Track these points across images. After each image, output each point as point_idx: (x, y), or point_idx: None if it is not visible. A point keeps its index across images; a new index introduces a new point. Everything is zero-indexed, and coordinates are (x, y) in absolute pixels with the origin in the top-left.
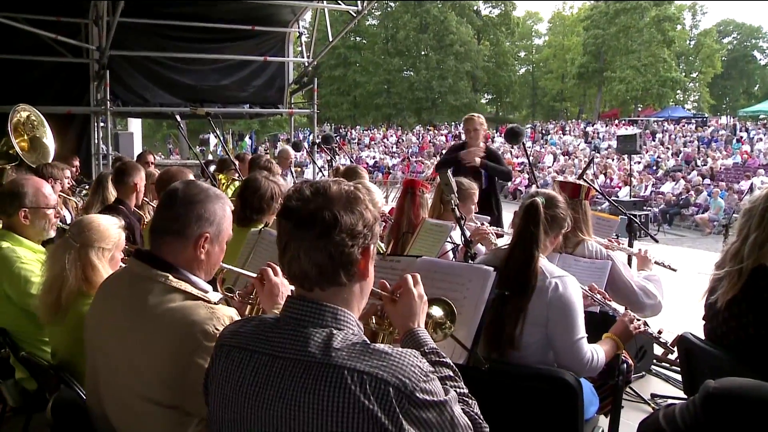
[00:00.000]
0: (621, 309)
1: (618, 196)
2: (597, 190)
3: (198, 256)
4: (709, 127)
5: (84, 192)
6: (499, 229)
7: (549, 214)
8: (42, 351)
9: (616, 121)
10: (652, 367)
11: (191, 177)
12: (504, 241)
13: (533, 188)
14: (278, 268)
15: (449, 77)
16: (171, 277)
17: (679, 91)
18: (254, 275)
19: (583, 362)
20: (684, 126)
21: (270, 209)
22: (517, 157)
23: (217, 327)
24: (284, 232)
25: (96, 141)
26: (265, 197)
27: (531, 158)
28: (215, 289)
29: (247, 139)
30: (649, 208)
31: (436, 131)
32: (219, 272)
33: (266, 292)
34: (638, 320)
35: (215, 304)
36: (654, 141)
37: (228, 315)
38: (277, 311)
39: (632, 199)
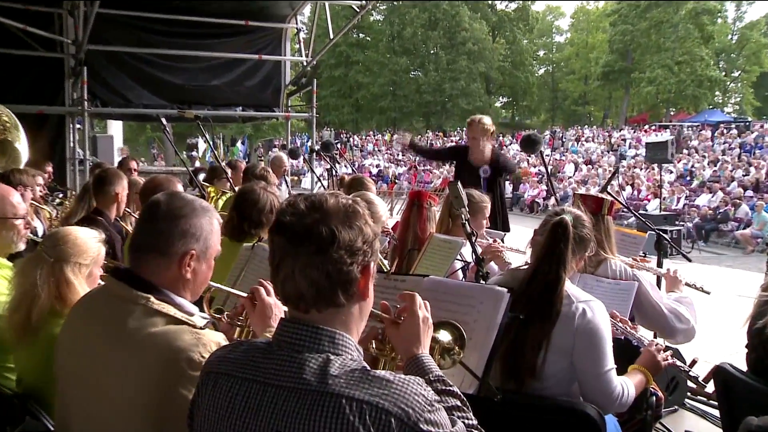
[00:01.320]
0: (649, 335)
1: (646, 210)
2: (622, 204)
3: (183, 276)
4: (752, 132)
5: (58, 201)
6: (514, 246)
7: (576, 234)
8: (5, 378)
9: (645, 127)
10: (686, 401)
11: (180, 186)
12: (516, 259)
13: (552, 202)
14: (271, 288)
15: (461, 78)
16: (153, 298)
17: (717, 93)
18: (245, 294)
19: (612, 396)
20: (723, 131)
21: (269, 223)
22: (534, 167)
23: (203, 354)
24: (278, 249)
25: (71, 145)
26: (264, 210)
27: (550, 168)
28: (201, 310)
29: (239, 144)
30: (681, 223)
31: (446, 138)
32: (206, 291)
33: (258, 313)
34: (664, 350)
35: (201, 328)
36: (688, 148)
37: (215, 341)
38: (269, 335)
39: (662, 213)
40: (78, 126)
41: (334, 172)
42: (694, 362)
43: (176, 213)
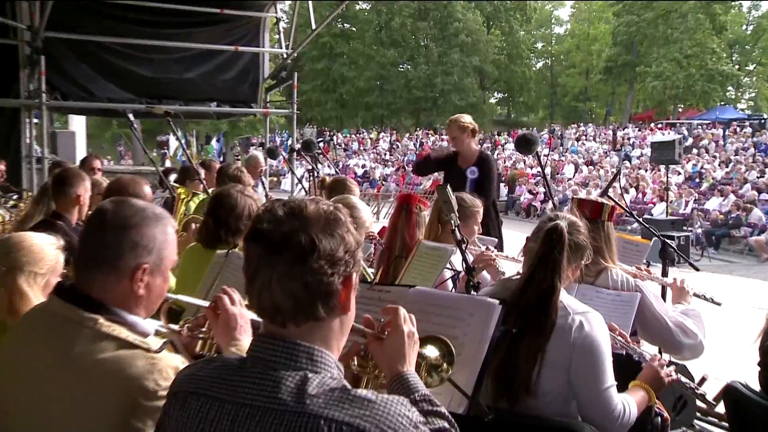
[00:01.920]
0: (654, 351)
1: (652, 215)
2: (623, 209)
3: (135, 292)
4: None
5: (11, 203)
6: (508, 254)
7: (571, 241)
8: None
9: (651, 125)
10: (695, 421)
11: (147, 188)
12: (510, 269)
13: (549, 207)
14: (236, 296)
15: (453, 72)
16: (102, 320)
17: (730, 88)
18: (206, 304)
19: (613, 415)
20: (736, 129)
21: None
22: (531, 167)
23: (159, 382)
24: (253, 258)
25: (27, 141)
26: (242, 216)
27: (548, 169)
28: (158, 319)
29: (214, 142)
30: (689, 229)
31: (438, 136)
32: (163, 303)
33: (221, 324)
34: (668, 365)
35: (157, 351)
36: (697, 148)
37: (172, 365)
38: (234, 348)
39: (669, 218)
40: (35, 120)
41: (315, 173)
42: (703, 380)
43: (125, 223)
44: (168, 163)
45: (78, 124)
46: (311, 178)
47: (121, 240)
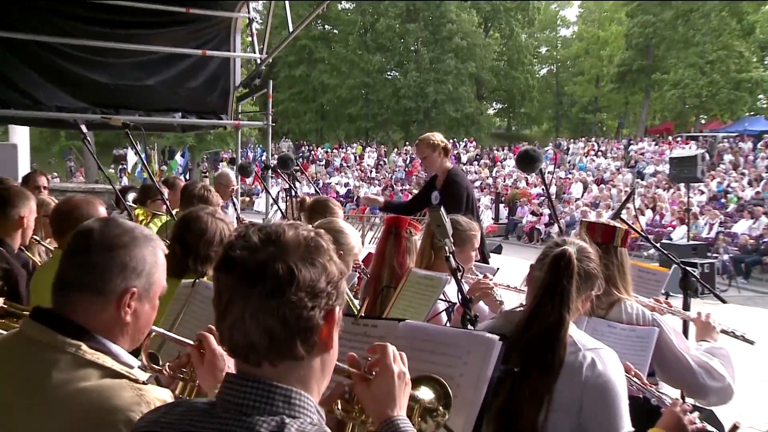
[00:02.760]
0: (675, 394)
1: (671, 239)
2: (638, 233)
3: (122, 319)
4: None
5: None
6: (509, 283)
7: (581, 268)
8: None
9: (669, 138)
10: None
11: (102, 209)
12: (511, 300)
13: (555, 230)
14: None
15: (447, 80)
16: (84, 346)
17: (761, 96)
18: (191, 342)
19: None
20: (767, 143)
21: (218, 258)
22: (534, 186)
23: None
24: (225, 289)
25: None
26: (213, 242)
27: (553, 188)
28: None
29: (178, 157)
30: (714, 256)
31: None
32: (146, 337)
33: (206, 365)
34: (693, 411)
35: (144, 383)
36: (723, 164)
37: (160, 398)
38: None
39: (691, 242)
40: None
41: (293, 193)
42: (734, 429)
43: (113, 243)
44: (125, 181)
45: (21, 136)
46: (288, 198)
47: (108, 262)
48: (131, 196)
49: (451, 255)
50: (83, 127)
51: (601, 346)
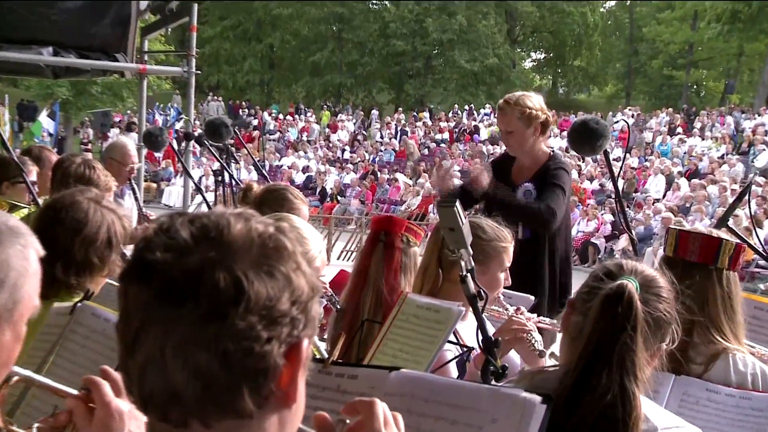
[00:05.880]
0: None
1: None
2: (755, 250)
3: None
4: None
5: None
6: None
7: (647, 313)
8: None
9: None
10: None
11: None
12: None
13: (622, 244)
14: (120, 379)
15: (458, 12)
16: None
17: None
18: (73, 392)
19: None
20: None
21: (105, 265)
22: (591, 179)
23: None
24: (135, 310)
25: None
26: (96, 241)
27: (622, 182)
28: None
29: (43, 117)
30: None
31: (434, 121)
32: (5, 382)
33: (96, 425)
34: None
35: None
36: None
37: None
38: None
39: None
40: None
41: (228, 177)
42: None
43: None
44: None
45: None
46: (219, 184)
47: None
48: None
49: (468, 274)
50: None
51: (684, 424)
